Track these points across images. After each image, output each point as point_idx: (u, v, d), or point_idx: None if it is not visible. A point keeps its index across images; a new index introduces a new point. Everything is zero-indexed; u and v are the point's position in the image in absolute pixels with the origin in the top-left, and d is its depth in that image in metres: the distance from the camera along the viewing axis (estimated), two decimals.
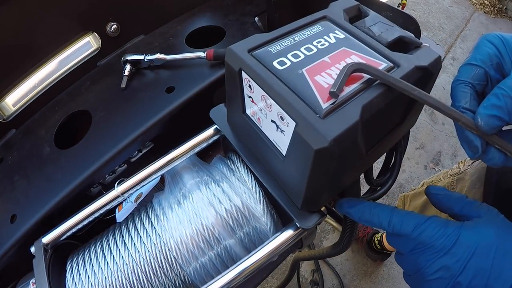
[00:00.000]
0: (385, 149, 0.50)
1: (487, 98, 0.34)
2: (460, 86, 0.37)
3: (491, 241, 0.36)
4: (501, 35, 0.37)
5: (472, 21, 2.93)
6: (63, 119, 0.59)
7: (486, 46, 0.37)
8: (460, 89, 0.37)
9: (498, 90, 0.34)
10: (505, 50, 0.36)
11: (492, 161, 0.36)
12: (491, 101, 0.33)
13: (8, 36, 0.54)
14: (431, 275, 0.38)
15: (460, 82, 0.37)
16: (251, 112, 0.40)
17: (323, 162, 0.32)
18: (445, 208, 0.44)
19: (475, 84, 0.37)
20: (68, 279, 0.43)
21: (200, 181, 0.47)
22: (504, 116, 0.33)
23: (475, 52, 0.38)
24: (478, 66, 0.37)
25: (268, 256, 0.41)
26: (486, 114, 0.33)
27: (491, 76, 0.37)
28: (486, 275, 0.35)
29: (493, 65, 0.37)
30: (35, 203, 0.49)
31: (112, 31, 0.65)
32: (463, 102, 0.36)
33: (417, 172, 1.94)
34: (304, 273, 1.56)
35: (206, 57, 0.59)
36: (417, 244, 0.39)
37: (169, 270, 0.43)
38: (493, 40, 0.37)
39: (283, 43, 0.39)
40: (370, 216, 0.42)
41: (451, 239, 0.37)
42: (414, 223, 0.39)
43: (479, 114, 0.33)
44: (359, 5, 0.44)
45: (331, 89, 0.32)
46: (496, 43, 0.37)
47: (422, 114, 2.11)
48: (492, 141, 0.34)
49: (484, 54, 0.37)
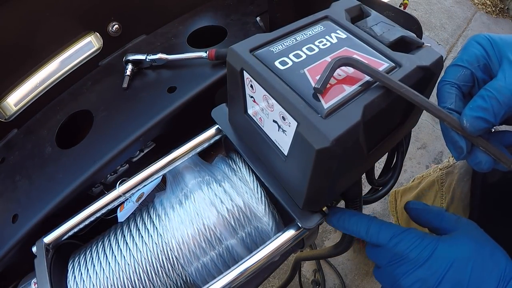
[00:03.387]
0: (387, 149, 0.49)
1: (473, 99, 0.34)
2: (446, 87, 0.36)
3: (469, 255, 0.36)
4: (489, 36, 0.37)
5: (474, 21, 2.92)
6: (64, 119, 0.59)
7: (474, 47, 0.37)
8: (446, 90, 0.36)
9: (484, 92, 0.33)
10: (493, 51, 0.36)
11: (479, 166, 0.35)
12: (476, 103, 0.33)
13: (9, 35, 0.54)
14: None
15: (445, 82, 0.37)
16: (252, 112, 0.40)
17: (324, 162, 0.32)
18: (424, 222, 0.44)
19: (461, 85, 0.36)
20: (69, 279, 0.44)
21: (202, 181, 0.47)
22: (490, 118, 0.32)
23: (462, 53, 0.37)
24: (464, 67, 0.36)
25: (270, 256, 0.41)
26: (471, 116, 0.33)
27: (478, 77, 0.37)
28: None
29: (480, 66, 0.36)
30: (36, 203, 0.49)
31: (114, 31, 0.65)
32: (448, 103, 0.36)
33: (419, 172, 1.93)
34: (306, 273, 1.56)
35: (208, 57, 0.59)
36: (394, 255, 0.38)
37: (171, 270, 0.43)
38: (481, 41, 0.37)
39: (284, 43, 0.38)
40: (348, 225, 0.42)
41: (427, 251, 0.37)
42: (391, 233, 0.39)
43: (464, 116, 0.33)
44: (361, 5, 0.44)
45: (315, 85, 0.32)
46: (484, 44, 0.36)
47: (423, 114, 2.11)
48: (477, 143, 0.34)
49: (471, 55, 0.37)
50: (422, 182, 0.95)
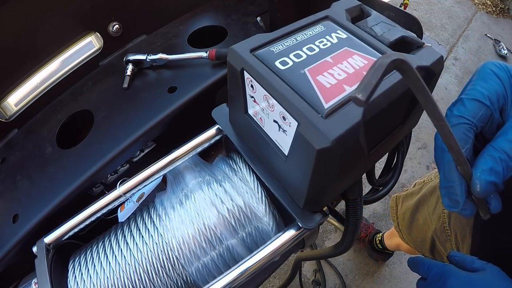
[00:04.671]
0: (387, 149, 0.49)
1: (484, 159, 0.32)
2: (464, 128, 0.34)
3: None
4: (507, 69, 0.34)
5: (474, 21, 2.92)
6: (65, 119, 0.59)
7: (493, 80, 0.34)
8: (464, 132, 0.34)
9: (496, 153, 0.32)
10: (511, 91, 0.34)
11: (464, 213, 0.35)
12: (489, 164, 0.32)
13: (10, 35, 0.54)
14: None
15: (466, 121, 0.34)
16: (253, 112, 0.40)
17: (325, 162, 0.32)
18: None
19: (479, 126, 0.34)
20: (70, 279, 0.44)
21: (202, 181, 0.47)
22: (500, 182, 0.31)
23: (481, 86, 0.34)
24: (486, 106, 0.34)
25: (270, 256, 0.41)
26: (485, 181, 0.31)
27: (494, 117, 0.34)
28: None
29: (499, 106, 0.34)
30: (37, 203, 0.49)
31: (114, 31, 0.65)
32: (462, 149, 0.33)
33: (419, 172, 1.93)
34: (306, 273, 1.56)
35: (208, 57, 0.59)
36: None
37: (171, 270, 0.43)
38: (500, 75, 0.34)
39: (285, 43, 0.38)
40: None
41: None
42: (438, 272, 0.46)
43: (478, 180, 0.32)
44: (361, 5, 0.44)
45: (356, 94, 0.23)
46: (504, 79, 0.34)
47: (424, 114, 2.10)
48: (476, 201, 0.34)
49: (491, 91, 0.34)
50: (423, 187, 0.94)
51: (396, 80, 0.34)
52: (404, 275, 1.60)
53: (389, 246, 1.48)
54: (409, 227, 1.00)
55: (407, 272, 1.61)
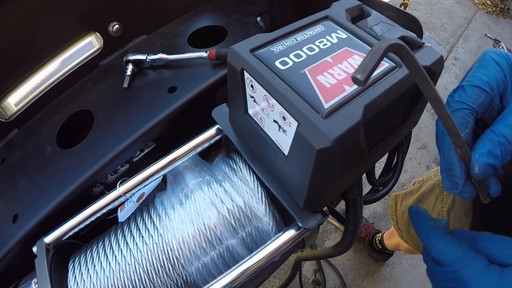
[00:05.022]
0: (387, 149, 0.49)
1: (483, 142, 0.33)
2: (464, 113, 0.34)
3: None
4: (507, 56, 0.35)
5: (474, 21, 2.92)
6: (65, 119, 0.59)
7: (493, 68, 0.35)
8: (464, 116, 0.34)
9: (495, 137, 0.32)
10: (510, 78, 0.34)
11: (464, 195, 0.35)
12: (488, 147, 0.32)
13: (10, 35, 0.54)
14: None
15: (466, 106, 0.34)
16: (253, 112, 0.40)
17: (325, 162, 0.32)
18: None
19: (479, 111, 0.34)
20: (70, 279, 0.44)
21: (202, 181, 0.47)
22: (498, 164, 0.32)
23: (481, 73, 0.35)
24: (486, 93, 0.34)
25: (270, 256, 0.41)
26: (484, 163, 0.32)
27: (494, 103, 0.35)
28: None
29: (499, 93, 0.35)
30: (37, 203, 0.49)
31: (114, 31, 0.65)
32: (462, 133, 0.33)
33: (419, 172, 1.94)
34: (306, 273, 1.56)
35: (208, 57, 0.59)
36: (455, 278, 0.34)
37: (171, 270, 0.43)
38: (500, 62, 0.35)
39: (285, 43, 0.38)
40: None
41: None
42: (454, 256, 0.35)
43: (476, 162, 0.32)
44: (361, 5, 0.44)
45: (355, 74, 0.23)
46: (504, 67, 0.35)
47: (424, 114, 2.11)
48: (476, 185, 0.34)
49: (492, 78, 0.34)
50: (423, 186, 0.94)
51: (396, 80, 0.34)
52: (404, 275, 1.60)
53: (389, 246, 1.48)
54: (408, 226, 1.00)
55: (407, 272, 1.61)
